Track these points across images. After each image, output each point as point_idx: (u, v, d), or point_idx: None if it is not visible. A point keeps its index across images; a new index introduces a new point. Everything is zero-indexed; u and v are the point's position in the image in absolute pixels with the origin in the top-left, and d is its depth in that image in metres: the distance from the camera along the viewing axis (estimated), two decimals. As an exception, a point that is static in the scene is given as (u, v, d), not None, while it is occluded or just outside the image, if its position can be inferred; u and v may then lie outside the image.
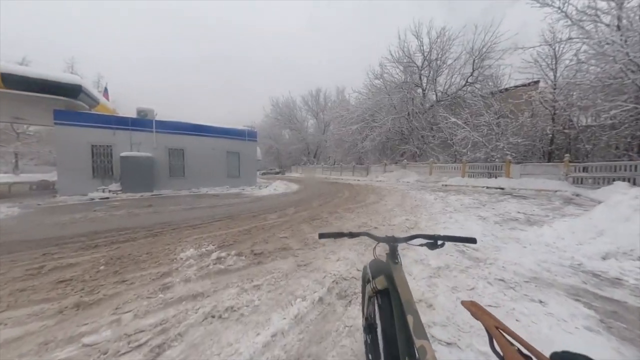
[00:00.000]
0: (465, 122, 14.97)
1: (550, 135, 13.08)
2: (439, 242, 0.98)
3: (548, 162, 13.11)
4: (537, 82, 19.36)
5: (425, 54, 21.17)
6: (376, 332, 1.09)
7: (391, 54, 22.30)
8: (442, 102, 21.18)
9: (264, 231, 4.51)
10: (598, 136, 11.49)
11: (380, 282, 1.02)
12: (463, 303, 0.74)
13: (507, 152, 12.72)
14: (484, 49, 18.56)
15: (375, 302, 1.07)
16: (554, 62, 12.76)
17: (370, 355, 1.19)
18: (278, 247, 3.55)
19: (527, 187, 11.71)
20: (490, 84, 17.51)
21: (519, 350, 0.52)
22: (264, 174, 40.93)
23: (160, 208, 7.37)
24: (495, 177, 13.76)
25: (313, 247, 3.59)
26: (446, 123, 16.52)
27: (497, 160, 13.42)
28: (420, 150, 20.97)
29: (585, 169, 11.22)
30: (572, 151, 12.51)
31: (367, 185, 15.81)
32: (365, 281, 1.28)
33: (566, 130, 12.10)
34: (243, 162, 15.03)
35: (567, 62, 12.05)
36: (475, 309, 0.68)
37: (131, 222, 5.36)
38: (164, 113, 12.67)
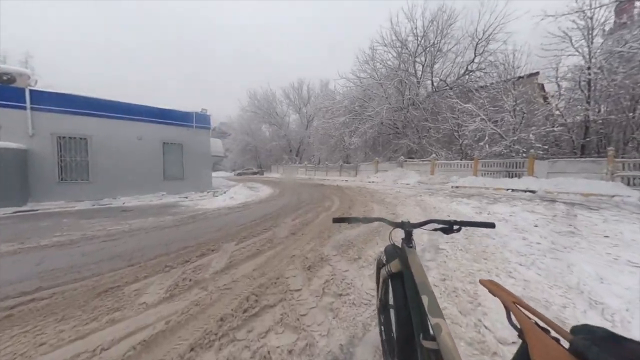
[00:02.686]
0: (479, 109, 12.25)
1: (585, 124, 10.60)
2: (455, 227, 0.98)
3: (581, 156, 10.72)
4: (536, 73, 17.47)
5: (419, 38, 18.54)
6: (389, 312, 1.17)
7: (382, 37, 19.44)
8: (439, 93, 18.64)
9: None
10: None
11: (395, 266, 1.03)
12: (481, 281, 0.73)
13: (538, 145, 10.09)
14: (489, 31, 16.19)
15: (390, 284, 1.08)
16: (589, 33, 10.29)
17: (384, 334, 1.26)
18: None
19: (567, 190, 9.14)
20: (498, 69, 15.06)
21: (536, 323, 0.52)
22: (239, 174, 36.70)
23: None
24: (518, 177, 11.22)
25: None
26: (453, 113, 13.80)
27: (522, 155, 10.76)
28: (418, 146, 18.23)
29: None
30: (607, 144, 10.18)
31: (360, 188, 12.62)
32: (380, 265, 1.29)
33: (612, 117, 9.66)
34: (189, 159, 10.76)
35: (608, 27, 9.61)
36: (493, 286, 0.68)
37: None
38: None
